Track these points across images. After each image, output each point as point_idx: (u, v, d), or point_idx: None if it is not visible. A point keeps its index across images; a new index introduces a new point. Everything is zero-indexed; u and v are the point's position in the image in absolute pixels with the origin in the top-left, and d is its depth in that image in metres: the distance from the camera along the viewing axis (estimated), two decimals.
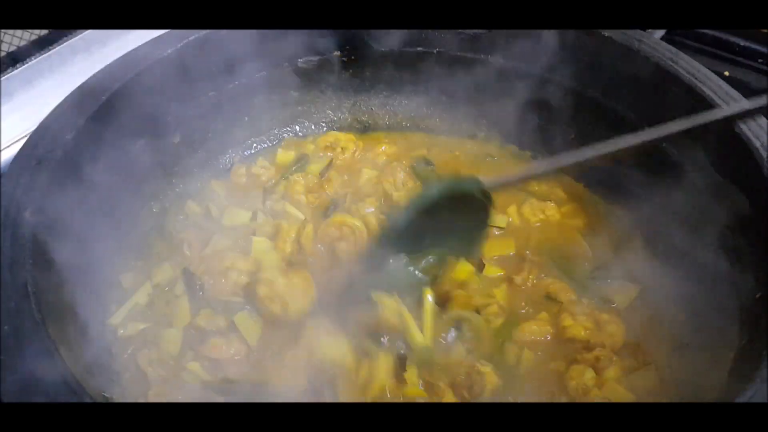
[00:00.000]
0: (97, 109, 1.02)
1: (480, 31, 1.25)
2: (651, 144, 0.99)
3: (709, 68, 1.08)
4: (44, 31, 1.47)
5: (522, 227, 1.20)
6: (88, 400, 0.69)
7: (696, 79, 1.06)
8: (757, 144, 0.95)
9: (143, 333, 1.01)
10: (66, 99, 1.03)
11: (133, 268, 1.09)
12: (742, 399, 0.73)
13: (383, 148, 1.32)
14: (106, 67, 1.10)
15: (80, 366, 0.81)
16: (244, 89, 1.24)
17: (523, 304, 1.08)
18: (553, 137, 1.27)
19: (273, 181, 1.26)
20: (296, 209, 1.19)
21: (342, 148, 1.31)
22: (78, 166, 0.98)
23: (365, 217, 1.14)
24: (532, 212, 1.21)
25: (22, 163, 0.93)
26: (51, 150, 0.94)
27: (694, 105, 1.03)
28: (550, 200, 1.23)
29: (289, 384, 0.94)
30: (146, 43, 1.14)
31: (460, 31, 1.26)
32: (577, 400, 0.95)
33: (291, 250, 1.11)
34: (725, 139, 0.98)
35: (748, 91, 1.04)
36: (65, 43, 1.47)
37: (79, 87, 1.06)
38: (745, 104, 0.99)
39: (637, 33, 1.14)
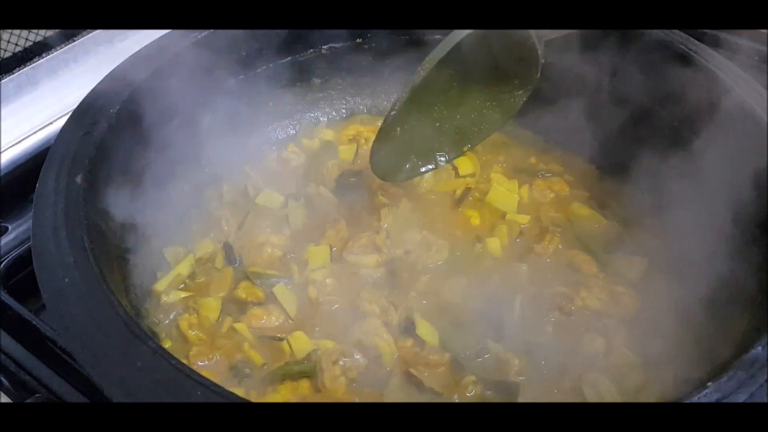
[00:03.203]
0: (136, 88, 1.06)
1: None
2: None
3: None
4: (49, 32, 1.51)
5: (534, 205, 1.25)
6: (150, 344, 0.72)
7: (708, 62, 1.11)
8: None
9: (185, 301, 1.05)
10: (108, 76, 1.07)
11: (175, 242, 1.14)
12: (748, 356, 0.76)
13: None
14: (139, 51, 1.15)
15: None
16: (271, 74, 1.29)
17: (541, 273, 1.12)
18: (566, 121, 1.31)
19: (306, 167, 1.31)
20: (329, 192, 1.25)
21: (365, 139, 1.37)
22: (119, 139, 1.02)
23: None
24: (541, 192, 1.26)
25: (71, 134, 0.97)
26: (96, 122, 0.99)
27: (708, 86, 1.09)
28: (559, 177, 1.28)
29: None
30: (174, 31, 1.18)
31: None
32: (588, 368, 0.99)
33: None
34: (738, 117, 1.03)
35: None
36: (73, 44, 1.52)
37: (116, 68, 1.11)
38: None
39: None
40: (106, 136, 0.98)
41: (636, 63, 1.20)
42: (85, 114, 1.00)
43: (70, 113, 1.01)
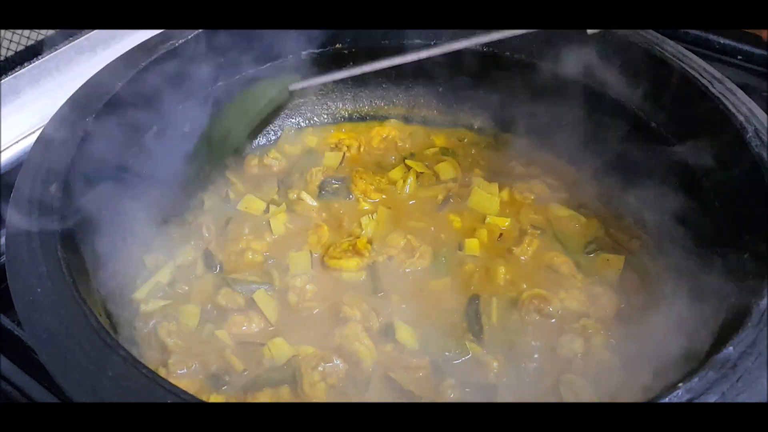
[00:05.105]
0: (114, 95, 1.06)
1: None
2: None
3: None
4: (47, 33, 1.51)
5: (514, 207, 1.25)
6: (122, 353, 0.72)
7: (681, 62, 1.12)
8: (742, 118, 1.00)
9: (164, 309, 1.05)
10: (82, 87, 1.07)
11: (155, 250, 1.14)
12: (720, 356, 0.76)
13: (384, 135, 1.39)
14: (116, 59, 1.15)
15: None
16: (251, 80, 1.28)
17: (520, 275, 1.12)
18: (547, 124, 1.32)
19: (288, 173, 1.32)
20: (311, 198, 1.25)
21: (348, 146, 1.38)
22: (96, 148, 1.01)
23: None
24: (522, 195, 1.27)
25: (46, 142, 0.97)
26: (72, 130, 0.98)
27: (683, 87, 1.10)
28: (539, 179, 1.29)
29: None
30: (154, 36, 1.18)
31: None
32: (565, 368, 0.99)
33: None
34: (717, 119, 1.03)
35: None
36: (69, 45, 1.51)
37: (93, 76, 1.10)
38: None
39: None
40: (82, 144, 0.97)
41: (615, 65, 1.20)
42: (61, 122, 1.00)
43: (47, 122, 1.01)
